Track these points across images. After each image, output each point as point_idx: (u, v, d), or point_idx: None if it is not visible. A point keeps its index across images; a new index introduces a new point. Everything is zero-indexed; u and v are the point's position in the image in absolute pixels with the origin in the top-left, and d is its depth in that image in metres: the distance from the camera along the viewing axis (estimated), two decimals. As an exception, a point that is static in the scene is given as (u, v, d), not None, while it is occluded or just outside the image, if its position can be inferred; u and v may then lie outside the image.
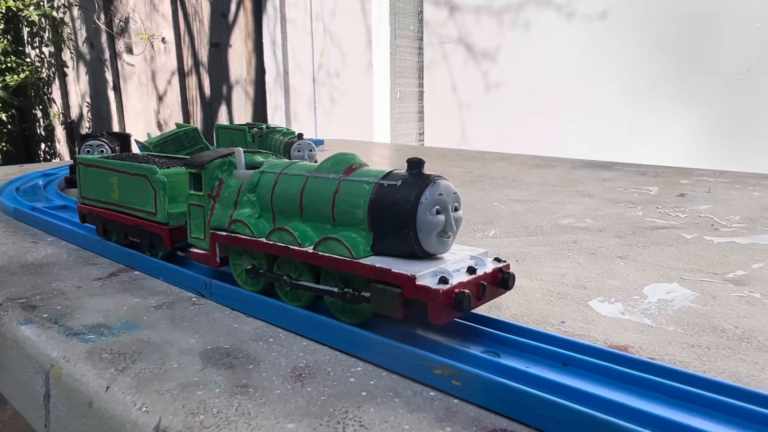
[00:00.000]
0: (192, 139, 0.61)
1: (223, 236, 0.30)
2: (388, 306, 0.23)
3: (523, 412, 0.20)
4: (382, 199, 0.25)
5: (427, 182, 0.24)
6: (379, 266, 0.24)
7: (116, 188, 0.37)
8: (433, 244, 0.24)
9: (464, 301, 0.22)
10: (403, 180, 0.25)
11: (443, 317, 0.22)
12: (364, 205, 0.25)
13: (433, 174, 0.25)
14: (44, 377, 0.26)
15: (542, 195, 0.63)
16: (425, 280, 0.23)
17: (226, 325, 0.28)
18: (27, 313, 0.30)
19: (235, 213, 0.30)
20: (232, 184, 0.31)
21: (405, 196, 0.24)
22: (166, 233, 0.34)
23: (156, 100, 2.27)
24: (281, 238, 0.27)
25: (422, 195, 0.24)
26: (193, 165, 0.32)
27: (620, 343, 0.27)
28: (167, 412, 0.21)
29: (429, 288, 0.22)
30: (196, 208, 0.32)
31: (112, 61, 2.42)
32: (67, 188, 0.64)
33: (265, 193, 0.29)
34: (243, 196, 0.30)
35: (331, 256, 0.25)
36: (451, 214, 0.25)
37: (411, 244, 0.24)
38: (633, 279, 0.37)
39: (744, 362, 0.26)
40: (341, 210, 0.26)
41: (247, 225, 0.29)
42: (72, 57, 2.63)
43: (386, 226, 0.25)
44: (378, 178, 0.25)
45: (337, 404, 0.21)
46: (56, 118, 2.79)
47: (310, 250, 0.26)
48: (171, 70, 2.17)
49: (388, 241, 0.25)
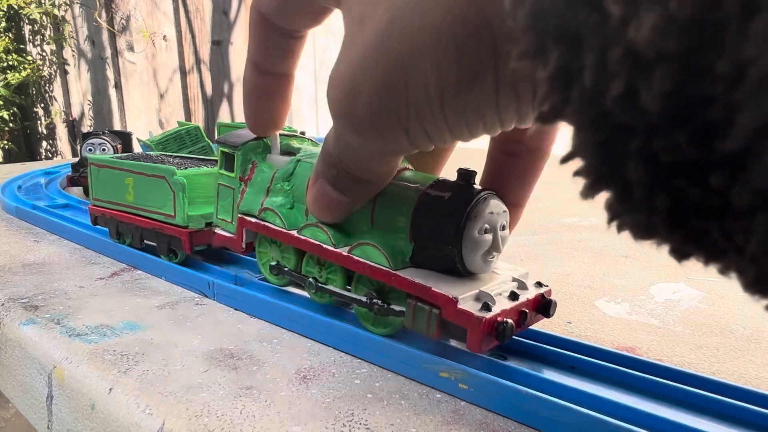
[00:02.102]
0: (194, 138, 0.61)
1: (252, 222, 0.29)
2: (424, 326, 0.22)
3: (530, 416, 0.20)
4: (427, 210, 0.23)
5: (478, 198, 0.22)
6: (419, 282, 0.22)
7: (131, 190, 0.37)
8: (478, 264, 0.23)
9: (506, 331, 0.21)
10: (452, 192, 0.23)
11: (483, 346, 0.21)
12: (407, 214, 0.23)
13: (486, 189, 0.23)
14: (47, 378, 0.26)
15: (546, 193, 0.62)
16: (467, 303, 0.22)
17: (230, 325, 0.28)
18: (29, 313, 0.30)
19: (266, 201, 0.29)
20: (265, 170, 0.29)
21: (454, 211, 0.22)
22: (186, 236, 0.34)
23: (157, 98, 2.27)
24: (315, 235, 0.26)
25: (472, 212, 0.22)
26: (227, 144, 0.30)
27: (627, 344, 0.27)
28: (171, 415, 0.20)
29: (471, 314, 0.21)
30: (226, 189, 0.31)
31: (113, 58, 2.42)
32: (69, 186, 0.64)
33: (301, 184, 0.28)
34: (276, 183, 0.29)
35: (367, 263, 0.24)
36: (499, 234, 0.23)
37: (454, 262, 0.23)
38: (639, 278, 0.37)
39: (753, 364, 0.25)
40: (381, 214, 0.24)
41: (278, 215, 0.28)
42: (73, 55, 2.63)
43: (429, 240, 0.23)
44: (424, 185, 0.24)
45: (343, 406, 0.21)
46: (58, 116, 2.79)
47: (344, 253, 0.25)
48: (172, 68, 2.16)
49: (428, 254, 0.23)
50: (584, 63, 0.10)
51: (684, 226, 0.10)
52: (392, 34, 0.17)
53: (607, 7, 0.09)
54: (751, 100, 0.08)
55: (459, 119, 0.17)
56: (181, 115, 2.17)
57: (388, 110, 0.18)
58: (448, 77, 0.16)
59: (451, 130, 0.18)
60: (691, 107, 0.09)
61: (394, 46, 0.17)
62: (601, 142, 0.10)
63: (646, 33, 0.08)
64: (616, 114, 0.10)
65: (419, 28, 0.16)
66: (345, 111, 0.19)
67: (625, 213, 0.10)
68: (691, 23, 0.08)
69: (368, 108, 0.18)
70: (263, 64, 0.25)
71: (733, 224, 0.09)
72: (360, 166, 0.22)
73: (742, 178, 0.08)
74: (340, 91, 0.19)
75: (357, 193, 0.23)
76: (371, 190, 0.24)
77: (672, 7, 0.08)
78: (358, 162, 0.22)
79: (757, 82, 0.08)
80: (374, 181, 0.23)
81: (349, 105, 0.19)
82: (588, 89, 0.10)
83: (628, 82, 0.09)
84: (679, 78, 0.09)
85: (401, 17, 0.16)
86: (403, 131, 0.18)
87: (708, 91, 0.08)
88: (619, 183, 0.10)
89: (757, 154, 0.08)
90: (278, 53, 0.25)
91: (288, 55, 0.25)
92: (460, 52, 0.16)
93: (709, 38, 0.08)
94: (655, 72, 0.09)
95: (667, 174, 0.10)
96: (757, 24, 0.07)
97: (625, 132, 0.10)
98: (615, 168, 0.10)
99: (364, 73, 0.18)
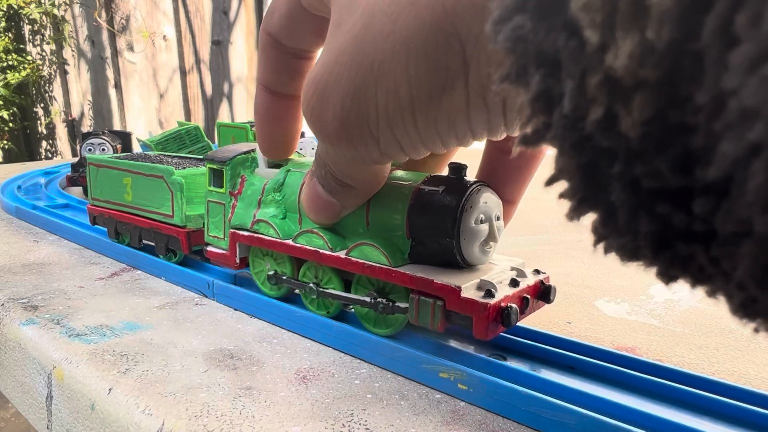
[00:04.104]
0: (194, 137, 0.61)
1: (245, 236, 0.29)
2: (429, 319, 0.22)
3: (530, 416, 0.20)
4: (422, 205, 0.23)
5: (471, 189, 0.23)
6: (421, 276, 0.22)
7: (130, 189, 0.37)
8: (476, 255, 0.23)
9: (511, 315, 0.21)
10: (446, 186, 0.23)
11: (489, 333, 0.21)
12: (402, 211, 0.24)
13: (478, 181, 0.23)
14: (47, 379, 0.26)
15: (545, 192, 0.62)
16: (470, 292, 0.22)
17: (230, 325, 0.28)
18: (29, 313, 0.30)
19: (258, 213, 0.29)
20: (255, 183, 0.29)
21: (448, 204, 0.23)
22: (184, 236, 0.34)
23: (157, 98, 2.27)
24: (310, 241, 0.26)
25: (467, 203, 0.22)
26: (214, 161, 0.31)
27: (627, 344, 0.27)
28: (171, 415, 0.20)
29: (476, 301, 0.21)
30: (216, 205, 0.31)
31: (113, 58, 2.42)
32: (69, 186, 0.64)
33: (292, 194, 0.28)
34: (268, 195, 0.29)
35: (366, 263, 0.24)
36: (494, 224, 0.23)
37: (452, 254, 0.23)
38: (639, 278, 0.37)
39: (753, 364, 0.25)
40: (376, 214, 0.24)
41: (271, 226, 0.28)
42: (73, 55, 2.63)
43: (426, 234, 0.23)
44: (417, 182, 0.24)
45: (342, 407, 0.21)
46: (57, 116, 2.79)
47: (342, 256, 0.25)
48: (172, 68, 2.16)
49: (426, 249, 0.24)
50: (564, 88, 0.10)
51: (669, 251, 0.10)
52: (365, 38, 0.17)
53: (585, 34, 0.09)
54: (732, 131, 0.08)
55: (430, 127, 0.17)
56: (180, 115, 2.17)
57: (358, 115, 0.18)
58: (418, 84, 0.16)
59: (423, 139, 0.18)
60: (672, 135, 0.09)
61: (366, 51, 0.17)
62: (584, 166, 0.10)
63: (623, 61, 0.08)
64: (597, 139, 0.10)
65: (390, 33, 0.16)
66: (316, 114, 0.19)
67: (609, 236, 0.11)
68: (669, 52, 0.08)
69: (338, 112, 0.18)
70: (273, 86, 0.25)
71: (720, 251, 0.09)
72: (341, 171, 0.22)
73: (725, 206, 0.08)
74: (311, 93, 0.19)
75: (344, 197, 0.23)
76: (358, 196, 0.23)
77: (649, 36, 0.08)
78: (338, 167, 0.22)
79: (737, 114, 0.07)
80: (359, 188, 0.23)
81: (320, 108, 0.19)
82: (568, 114, 0.10)
83: (607, 108, 0.09)
84: (659, 106, 0.09)
85: (374, 23, 0.16)
86: (373, 139, 0.18)
87: (689, 120, 0.08)
88: (603, 206, 0.10)
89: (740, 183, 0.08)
90: (288, 74, 0.25)
91: (297, 75, 0.25)
92: (430, 59, 0.16)
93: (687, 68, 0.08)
94: (635, 99, 0.09)
95: (650, 199, 0.09)
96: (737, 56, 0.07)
97: (607, 156, 0.10)
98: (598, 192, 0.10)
99: (335, 77, 0.18)
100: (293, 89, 0.25)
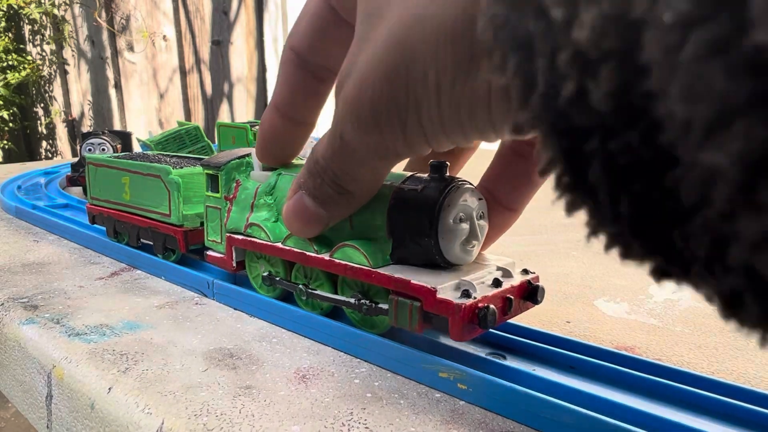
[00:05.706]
0: (194, 138, 0.61)
1: (239, 240, 0.29)
2: (407, 320, 0.22)
3: (529, 416, 0.20)
4: (401, 204, 0.23)
5: (450, 187, 0.22)
6: (398, 277, 0.22)
7: (128, 189, 0.37)
8: (456, 254, 0.23)
9: (488, 317, 0.21)
10: (425, 185, 0.23)
11: (465, 334, 0.21)
12: (383, 211, 0.24)
13: (458, 178, 0.23)
14: (46, 378, 0.26)
15: (545, 192, 0.62)
16: (447, 293, 0.21)
17: (230, 325, 0.28)
18: (29, 313, 0.30)
19: (251, 216, 0.29)
20: (249, 186, 0.30)
21: (426, 202, 0.22)
22: (181, 235, 0.34)
23: (157, 98, 2.27)
24: (297, 243, 0.26)
25: (445, 201, 0.22)
26: (210, 166, 0.31)
27: (627, 343, 0.27)
28: (170, 414, 0.20)
29: (450, 302, 0.21)
30: (213, 210, 0.32)
31: (113, 58, 2.42)
32: (69, 186, 0.64)
33: (283, 197, 0.28)
34: (260, 198, 0.29)
35: (348, 264, 0.24)
36: (476, 222, 0.23)
37: (432, 253, 0.23)
38: (638, 278, 0.37)
39: (752, 363, 0.25)
40: (359, 216, 0.24)
41: (263, 229, 0.28)
42: (73, 55, 2.63)
43: (406, 234, 0.23)
44: (398, 181, 0.24)
45: (342, 406, 0.21)
46: (57, 116, 2.79)
47: (326, 258, 0.25)
48: (172, 68, 2.16)
49: (408, 250, 0.24)
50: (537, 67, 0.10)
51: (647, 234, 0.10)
52: (401, 26, 0.17)
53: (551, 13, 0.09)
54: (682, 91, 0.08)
55: (453, 114, 0.17)
56: (180, 115, 2.17)
57: (390, 97, 0.18)
58: (444, 67, 0.17)
59: (446, 127, 0.18)
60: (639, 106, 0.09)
61: (401, 37, 0.17)
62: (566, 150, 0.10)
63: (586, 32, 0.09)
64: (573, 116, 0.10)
65: (422, 18, 0.17)
66: (352, 101, 0.19)
67: (598, 226, 0.11)
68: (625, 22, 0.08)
69: (373, 95, 0.18)
70: (288, 111, 0.25)
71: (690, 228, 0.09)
72: (348, 172, 0.22)
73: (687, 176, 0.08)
74: (351, 82, 0.19)
75: (335, 207, 0.23)
76: (351, 204, 0.23)
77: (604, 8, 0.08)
78: (346, 167, 0.21)
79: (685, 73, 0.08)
80: (356, 193, 0.23)
81: (358, 95, 0.19)
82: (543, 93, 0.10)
83: (578, 83, 0.09)
84: (624, 77, 0.09)
85: (409, 13, 0.17)
86: (401, 124, 0.18)
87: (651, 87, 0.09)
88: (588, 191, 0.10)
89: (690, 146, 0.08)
90: (305, 96, 0.25)
91: (314, 99, 0.25)
92: (456, 43, 0.16)
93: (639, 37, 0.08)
94: (601, 71, 0.09)
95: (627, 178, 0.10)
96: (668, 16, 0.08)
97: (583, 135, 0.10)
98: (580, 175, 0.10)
99: (374, 65, 0.18)
100: (306, 115, 0.25)
